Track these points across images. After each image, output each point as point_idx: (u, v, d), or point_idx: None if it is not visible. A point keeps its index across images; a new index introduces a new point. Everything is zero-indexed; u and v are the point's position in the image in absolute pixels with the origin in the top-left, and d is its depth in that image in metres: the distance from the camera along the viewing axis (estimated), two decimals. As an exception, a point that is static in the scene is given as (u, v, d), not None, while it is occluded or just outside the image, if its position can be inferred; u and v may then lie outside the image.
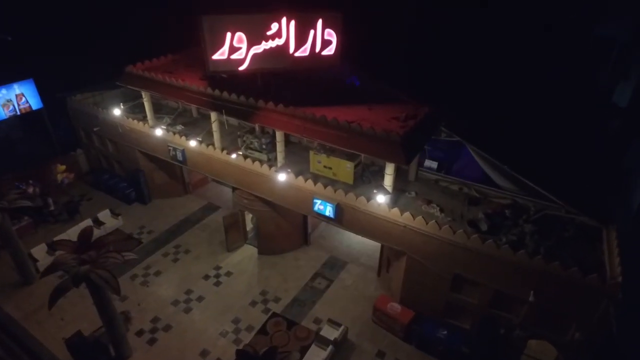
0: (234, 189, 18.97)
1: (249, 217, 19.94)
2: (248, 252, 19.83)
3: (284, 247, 19.57)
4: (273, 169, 16.30)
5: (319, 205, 15.75)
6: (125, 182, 23.25)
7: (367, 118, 14.50)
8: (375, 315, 15.98)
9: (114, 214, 21.59)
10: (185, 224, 21.67)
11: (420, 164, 17.46)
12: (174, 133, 19.14)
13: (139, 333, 15.71)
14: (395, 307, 15.63)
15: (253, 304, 17.01)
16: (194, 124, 20.89)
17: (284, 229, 19.03)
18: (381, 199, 14.05)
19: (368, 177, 16.17)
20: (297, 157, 18.06)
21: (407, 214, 13.93)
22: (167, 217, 22.13)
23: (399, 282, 15.75)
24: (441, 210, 14.91)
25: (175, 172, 23.18)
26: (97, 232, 19.97)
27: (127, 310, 16.31)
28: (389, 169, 13.99)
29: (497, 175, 16.28)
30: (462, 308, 14.67)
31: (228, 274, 18.51)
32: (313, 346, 14.79)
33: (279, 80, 16.60)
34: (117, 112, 20.23)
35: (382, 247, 17.70)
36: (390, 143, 13.04)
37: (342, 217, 15.59)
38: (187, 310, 16.68)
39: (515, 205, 15.20)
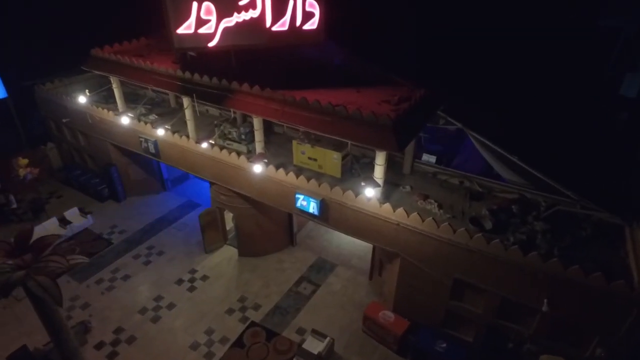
0: (211, 184, 17.18)
1: (230, 215, 18.15)
2: (228, 253, 18.04)
3: (267, 248, 17.78)
4: (249, 160, 14.50)
5: (301, 201, 13.96)
6: (98, 178, 21.45)
7: (354, 101, 12.72)
8: (365, 324, 14.19)
9: (83, 213, 19.79)
10: (160, 223, 19.88)
11: (418, 157, 15.67)
12: (146, 123, 17.34)
13: (99, 346, 13.91)
14: (388, 315, 13.83)
15: (230, 311, 15.21)
16: (171, 115, 19.07)
17: (266, 228, 17.24)
18: (370, 192, 12.26)
19: (357, 171, 14.39)
20: (280, 149, 16.30)
21: (400, 210, 12.15)
22: (142, 215, 20.34)
23: (392, 288, 13.96)
24: (439, 207, 13.12)
25: (151, 167, 21.40)
26: (64, 232, 18.24)
27: (87, 320, 14.52)
28: (380, 159, 12.20)
29: (503, 167, 14.50)
30: (464, 318, 12.87)
31: (204, 278, 16.72)
32: (294, 361, 13.02)
33: (256, 59, 14.80)
34: (83, 99, 18.39)
35: (374, 247, 15.91)
36: (380, 128, 11.26)
37: (327, 215, 13.81)
38: (155, 320, 14.87)
39: (523, 200, 13.41)
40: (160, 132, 16.04)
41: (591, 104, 20.64)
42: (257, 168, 13.67)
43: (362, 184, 12.29)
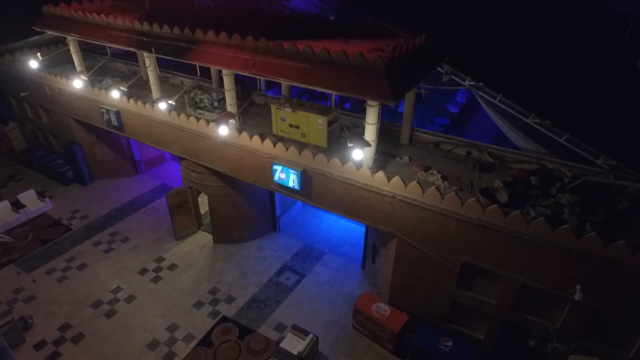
0: (181, 160, 15.00)
1: (206, 198, 15.93)
2: (201, 240, 15.85)
3: (245, 233, 15.59)
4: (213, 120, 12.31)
5: (279, 174, 11.79)
6: (61, 160, 19.25)
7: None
8: (356, 319, 12.00)
9: (41, 196, 17.58)
10: (129, 207, 17.68)
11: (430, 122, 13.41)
12: (100, 89, 15.17)
13: (39, 345, 11.72)
14: (382, 309, 11.65)
15: (198, 305, 13.02)
16: (142, 88, 16.84)
17: (245, 211, 15.05)
18: (359, 154, 10.08)
19: (347, 141, 12.18)
20: (260, 120, 14.18)
21: (396, 180, 9.97)
22: (108, 200, 18.14)
23: (388, 276, 11.77)
24: (444, 178, 10.93)
25: (121, 146, 19.19)
26: (17, 217, 16.06)
27: (27, 315, 12.32)
28: (371, 115, 10.00)
29: (518, 133, 12.36)
30: (474, 311, 10.67)
31: (172, 267, 14.52)
32: (269, 363, 10.83)
33: (230, 13, 12.62)
34: (34, 64, 16.20)
35: (367, 229, 13.72)
36: (370, 73, 9.07)
37: (310, 189, 11.63)
38: (110, 314, 12.68)
39: (543, 170, 11.21)
40: (115, 94, 13.87)
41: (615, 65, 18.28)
42: (223, 130, 11.47)
43: (350, 144, 10.07)
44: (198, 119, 13.04)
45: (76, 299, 13.18)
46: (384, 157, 11.80)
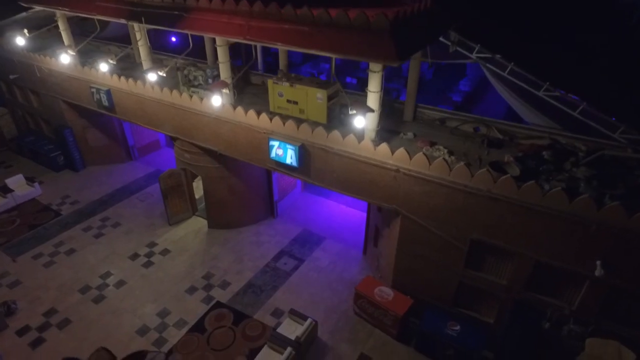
0: (173, 140, 14.37)
1: (201, 183, 15.27)
2: (196, 225, 15.21)
3: (242, 218, 14.95)
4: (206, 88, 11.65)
5: (276, 150, 11.15)
6: (52, 145, 18.61)
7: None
8: (357, 304, 11.36)
9: (29, 181, 16.94)
10: (121, 193, 17.05)
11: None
12: (90, 68, 14.53)
13: (22, 331, 11.08)
14: (385, 292, 11.01)
15: (191, 290, 12.38)
16: (134, 69, 16.18)
17: (241, 194, 14.41)
18: (360, 122, 9.44)
19: (349, 118, 11.55)
20: (256, 99, 13.57)
21: (400, 153, 9.34)
22: (100, 185, 17.51)
23: (391, 257, 11.12)
24: (450, 153, 10.29)
25: (113, 131, 18.56)
26: (4, 202, 15.43)
27: (11, 300, 11.69)
28: (374, 82, 9.35)
29: (528, 108, 11.72)
30: (483, 292, 10.03)
31: (164, 252, 13.89)
32: (264, 348, 10.17)
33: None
34: (21, 41, 15.56)
35: (369, 210, 13.08)
36: (373, 33, 8.43)
37: (309, 166, 10.99)
38: (99, 300, 12.05)
39: (556, 145, 10.56)
40: (104, 67, 13.25)
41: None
42: (217, 100, 10.83)
43: (352, 111, 9.41)
44: (191, 96, 12.40)
45: (63, 284, 12.54)
46: (387, 134, 11.15)
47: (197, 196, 15.75)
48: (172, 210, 15.02)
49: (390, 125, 11.70)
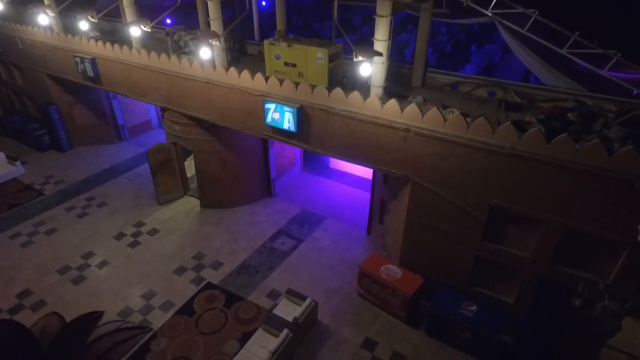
0: (163, 111, 13.35)
1: (193, 162, 14.22)
2: (187, 205, 14.18)
3: (236, 197, 13.92)
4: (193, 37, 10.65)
5: (272, 113, 10.12)
6: (37, 124, 17.59)
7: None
8: (362, 284, 10.32)
9: (11, 159, 15.92)
10: (109, 173, 16.02)
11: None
12: (73, 35, 13.51)
13: (-8, 313, 10.07)
14: (393, 271, 9.97)
15: (180, 271, 11.36)
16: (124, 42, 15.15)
17: (235, 170, 13.38)
18: (366, 70, 8.42)
19: (352, 82, 10.52)
20: (253, 67, 12.42)
21: (411, 108, 8.33)
22: (87, 165, 16.49)
23: (399, 233, 10.08)
24: (465, 116, 9.23)
25: (102, 109, 17.53)
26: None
27: (-19, 280, 10.67)
28: (381, 29, 8.30)
29: (550, 70, 10.69)
30: (504, 268, 8.99)
31: (152, 232, 12.86)
32: (259, 331, 9.14)
33: None
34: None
35: (373, 183, 12.04)
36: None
37: (308, 130, 9.97)
38: (78, 281, 11.02)
39: (582, 107, 9.51)
40: (84, 26, 12.28)
41: None
42: (205, 53, 9.80)
43: (356, 56, 8.34)
44: (180, 60, 11.38)
45: (40, 264, 11.52)
46: (394, 98, 10.09)
47: (189, 175, 14.72)
48: (162, 189, 13.99)
49: (398, 91, 10.66)
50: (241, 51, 13.69)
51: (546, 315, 8.15)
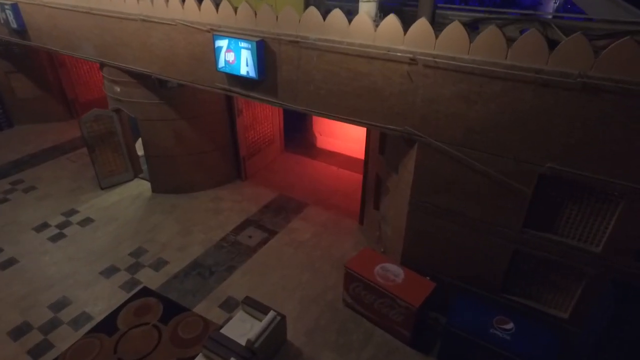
0: (100, 68, 10.55)
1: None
2: (136, 189, 11.38)
3: (195, 179, 11.10)
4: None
5: (225, 53, 7.31)
6: (-30, 97, 14.79)
7: None
8: (349, 290, 7.49)
9: None
10: (49, 153, 13.23)
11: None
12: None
13: None
14: (392, 271, 7.14)
15: (109, 272, 8.54)
16: None
17: (192, 145, 10.58)
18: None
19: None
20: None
21: (419, 28, 5.52)
22: (25, 145, 13.69)
23: (401, 218, 7.24)
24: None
25: (45, 78, 14.73)
26: None
27: None
28: None
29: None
30: (556, 268, 6.17)
31: (85, 222, 10.05)
32: (199, 356, 6.32)
33: None
34: None
35: (367, 154, 9.21)
36: None
37: (274, 76, 7.15)
38: (-31, 286, 8.21)
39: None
40: None
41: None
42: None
43: None
44: None
45: None
46: (393, 14, 7.30)
47: (140, 153, 11.91)
48: (104, 169, 11.18)
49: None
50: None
51: (630, 337, 5.33)
